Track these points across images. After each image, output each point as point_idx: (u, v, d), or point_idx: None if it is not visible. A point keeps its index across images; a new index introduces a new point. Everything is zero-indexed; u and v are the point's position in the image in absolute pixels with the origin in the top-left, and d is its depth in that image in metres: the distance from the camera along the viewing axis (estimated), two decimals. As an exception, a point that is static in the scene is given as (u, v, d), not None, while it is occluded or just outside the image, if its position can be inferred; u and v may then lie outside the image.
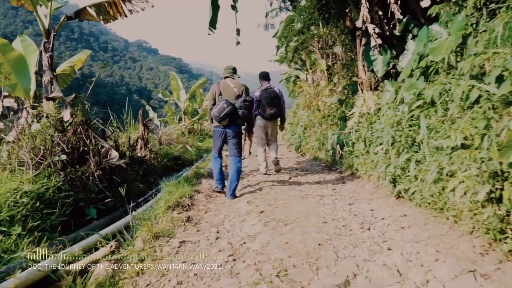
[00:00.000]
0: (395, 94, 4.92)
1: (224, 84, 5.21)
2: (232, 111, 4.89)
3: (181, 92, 14.72)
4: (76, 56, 6.31)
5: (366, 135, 5.51)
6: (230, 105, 4.87)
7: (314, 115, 11.40)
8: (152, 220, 3.99)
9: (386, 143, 4.46)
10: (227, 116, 4.88)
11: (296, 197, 4.71)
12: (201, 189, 5.55)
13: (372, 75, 6.38)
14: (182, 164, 8.52)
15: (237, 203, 4.84)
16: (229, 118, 4.92)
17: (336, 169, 7.17)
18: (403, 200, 4.16)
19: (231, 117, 4.92)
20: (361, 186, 5.37)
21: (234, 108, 4.94)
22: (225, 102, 4.89)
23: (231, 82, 5.22)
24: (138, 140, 6.87)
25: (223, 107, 4.85)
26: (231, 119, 4.95)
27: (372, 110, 5.59)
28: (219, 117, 4.87)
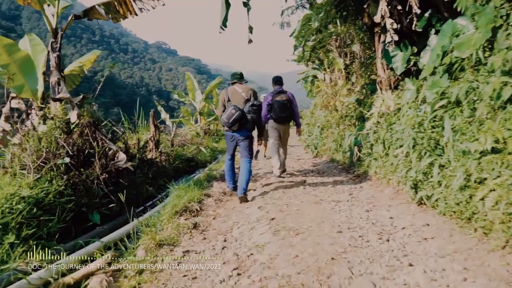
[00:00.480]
0: (416, 93, 4.60)
1: (232, 90, 5.31)
2: (241, 116, 4.99)
3: (196, 93, 14.57)
4: (85, 56, 6.19)
5: (385, 136, 5.21)
6: (238, 110, 4.97)
7: (332, 115, 11.09)
8: (157, 227, 3.80)
9: (407, 146, 4.16)
10: (236, 121, 4.98)
11: (310, 203, 4.45)
12: (212, 192, 5.34)
13: (392, 73, 6.06)
14: (196, 166, 8.34)
15: (247, 208, 4.61)
16: (239, 123, 5.02)
17: (353, 172, 6.86)
18: (425, 207, 3.85)
19: (240, 122, 5.02)
20: (379, 190, 5.07)
21: (243, 113, 5.03)
22: (234, 107, 4.99)
23: (239, 88, 5.31)
24: (148, 142, 6.71)
25: (232, 113, 4.96)
26: (240, 123, 5.05)
27: (391, 110, 5.28)
28: (228, 123, 4.98)
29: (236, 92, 5.28)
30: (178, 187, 5.09)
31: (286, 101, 6.41)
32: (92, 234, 3.65)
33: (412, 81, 4.82)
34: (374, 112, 5.67)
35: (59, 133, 4.63)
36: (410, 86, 4.78)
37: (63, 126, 4.82)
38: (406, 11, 5.25)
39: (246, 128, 5.18)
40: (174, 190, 4.94)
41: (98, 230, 3.81)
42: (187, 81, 14.66)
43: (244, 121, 5.07)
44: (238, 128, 5.09)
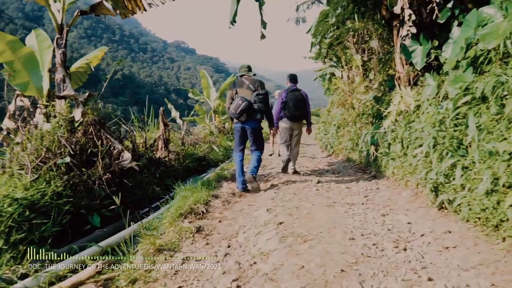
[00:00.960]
0: (438, 89, 4.29)
1: (239, 82, 5.38)
2: (248, 106, 5.05)
3: (211, 91, 14.39)
4: (93, 53, 6.05)
5: (404, 135, 4.91)
6: (245, 101, 5.04)
7: (348, 113, 10.77)
8: (159, 230, 3.61)
9: (427, 145, 3.87)
10: (244, 111, 5.04)
11: (322, 206, 4.19)
12: (220, 193, 5.13)
13: (411, 68, 5.73)
14: (207, 165, 8.15)
15: (256, 210, 4.39)
16: (246, 113, 5.08)
17: (370, 172, 6.56)
18: (446, 212, 3.56)
19: (247, 112, 5.08)
20: (397, 193, 4.78)
21: (250, 103, 5.09)
22: (240, 98, 5.06)
23: (246, 80, 5.36)
24: (157, 141, 6.55)
25: (239, 103, 5.03)
26: (248, 114, 5.11)
27: (411, 107, 4.97)
28: (236, 113, 5.07)
29: (244, 84, 5.32)
30: (184, 188, 4.90)
31: (300, 99, 6.40)
32: (90, 237, 3.49)
33: (432, 76, 4.50)
34: (392, 110, 5.37)
35: (63, 132, 4.50)
36: (430, 81, 4.47)
37: (67, 124, 4.69)
38: (426, 1, 4.94)
39: (254, 119, 5.24)
40: (180, 191, 4.75)
41: (97, 234, 3.64)
42: (202, 79, 14.49)
43: (252, 112, 5.12)
44: (246, 119, 5.15)
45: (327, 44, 14.33)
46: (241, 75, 5.49)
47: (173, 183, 5.52)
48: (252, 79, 5.38)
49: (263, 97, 5.20)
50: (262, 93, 5.20)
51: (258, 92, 5.19)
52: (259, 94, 5.18)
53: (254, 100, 5.16)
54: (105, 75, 6.46)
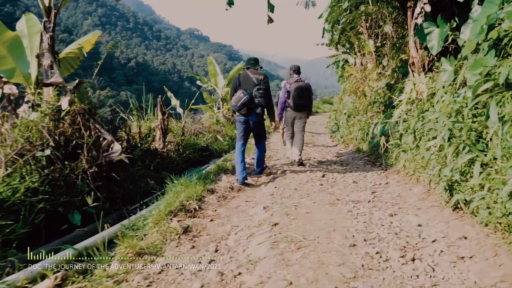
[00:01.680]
0: (455, 74, 3.85)
1: (244, 75, 5.37)
2: (249, 100, 5.05)
3: (218, 78, 13.97)
4: (85, 37, 5.69)
5: (416, 126, 4.49)
6: (247, 94, 5.04)
7: (360, 101, 10.31)
8: (144, 230, 3.31)
9: (441, 138, 3.46)
10: (245, 104, 5.05)
11: (324, 204, 3.83)
12: (217, 187, 4.81)
13: (426, 53, 5.27)
14: (210, 156, 7.82)
15: (253, 207, 4.05)
16: (247, 107, 5.08)
17: (380, 165, 6.16)
18: (462, 214, 3.17)
19: (248, 106, 5.08)
20: (408, 188, 4.39)
21: (251, 97, 5.09)
22: (242, 91, 5.07)
23: (251, 73, 5.34)
24: (156, 130, 6.25)
25: (240, 96, 5.04)
26: (249, 108, 5.12)
27: (424, 95, 4.54)
28: (236, 106, 5.06)
29: (248, 77, 5.31)
30: (178, 182, 4.58)
31: (304, 89, 6.42)
32: (67, 238, 3.20)
33: (449, 61, 4.06)
34: (403, 98, 4.94)
35: (48, 122, 4.21)
36: (447, 66, 4.03)
37: (54, 113, 4.41)
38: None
39: (255, 113, 5.26)
40: (172, 186, 4.43)
41: (76, 234, 3.36)
42: (209, 66, 14.07)
43: (253, 105, 5.14)
44: (247, 112, 5.16)
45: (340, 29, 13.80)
46: (247, 67, 5.48)
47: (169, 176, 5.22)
48: (257, 72, 5.37)
49: (264, 92, 5.23)
50: (263, 87, 5.22)
51: (259, 87, 5.21)
52: (260, 88, 5.20)
53: (255, 94, 5.19)
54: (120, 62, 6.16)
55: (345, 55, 17.06)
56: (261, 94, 5.20)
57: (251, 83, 5.25)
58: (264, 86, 5.24)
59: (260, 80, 5.26)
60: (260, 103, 5.23)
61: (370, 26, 12.00)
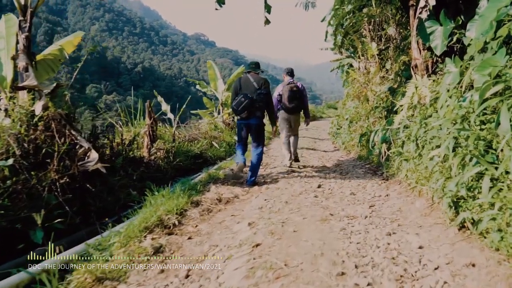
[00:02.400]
0: (460, 76, 3.47)
1: (244, 79, 5.40)
2: (250, 104, 5.11)
3: (218, 82, 13.60)
4: (66, 39, 5.34)
5: (418, 133, 4.11)
6: (247, 99, 5.10)
7: (363, 106, 9.93)
8: (110, 250, 2.95)
9: (445, 147, 3.07)
10: (245, 108, 5.12)
11: (315, 220, 3.45)
12: (204, 199, 4.45)
13: (429, 54, 4.90)
14: (204, 163, 7.47)
15: (238, 223, 3.68)
16: (247, 110, 5.15)
17: (381, 174, 5.77)
18: (469, 234, 2.78)
19: (249, 109, 5.15)
20: (409, 202, 4.00)
21: (252, 101, 5.13)
22: (243, 96, 5.13)
23: (251, 77, 5.37)
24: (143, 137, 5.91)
25: (241, 100, 5.11)
26: (249, 111, 5.18)
27: (427, 100, 4.15)
28: (237, 110, 5.15)
29: (248, 81, 5.34)
30: (160, 193, 4.23)
31: (296, 91, 6.55)
32: (22, 260, 2.85)
33: (454, 61, 3.68)
34: (404, 103, 4.56)
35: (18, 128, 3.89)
36: (451, 67, 3.65)
37: (26, 119, 4.09)
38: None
39: (255, 116, 5.31)
40: (152, 198, 4.07)
41: (38, 253, 3.00)
42: (209, 70, 13.71)
43: (253, 109, 5.19)
44: (247, 115, 5.24)
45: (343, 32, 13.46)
46: (248, 71, 5.53)
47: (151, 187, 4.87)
48: (258, 77, 5.42)
49: (265, 96, 5.28)
50: (264, 92, 5.26)
51: (260, 92, 5.24)
52: (261, 93, 5.23)
53: (256, 98, 5.21)
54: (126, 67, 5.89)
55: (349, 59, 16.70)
56: (262, 98, 5.24)
57: (252, 87, 5.27)
58: (265, 91, 5.29)
59: (261, 84, 5.29)
60: (261, 106, 5.28)
61: (373, 28, 11.64)
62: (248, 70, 5.54)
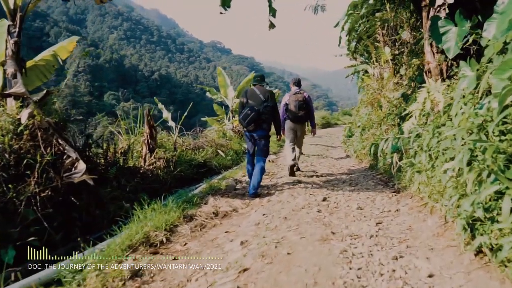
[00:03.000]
0: (476, 80, 3.12)
1: (251, 92, 5.48)
2: (256, 116, 5.19)
3: (228, 89, 13.36)
4: (60, 44, 5.12)
5: (431, 143, 3.75)
6: (254, 111, 5.18)
7: (376, 113, 9.53)
8: (84, 273, 2.68)
9: (459, 161, 2.72)
10: (252, 121, 5.19)
11: (314, 240, 3.12)
12: (199, 213, 4.17)
13: (443, 57, 4.54)
14: (208, 173, 7.20)
15: (231, 241, 3.37)
16: (254, 123, 5.21)
17: (392, 186, 5.40)
18: (487, 261, 2.41)
19: (255, 122, 5.21)
20: (421, 219, 3.63)
21: (258, 113, 5.21)
22: (250, 108, 5.22)
23: (257, 90, 5.45)
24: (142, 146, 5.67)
25: (248, 113, 5.19)
26: (256, 124, 5.24)
27: (440, 106, 3.79)
28: (245, 122, 5.23)
29: (255, 93, 5.42)
30: (151, 206, 3.96)
31: (302, 101, 6.65)
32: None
33: (470, 64, 3.32)
34: (414, 109, 4.20)
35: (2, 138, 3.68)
36: (467, 71, 3.29)
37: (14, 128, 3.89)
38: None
39: (262, 128, 5.35)
40: (140, 213, 3.80)
41: (6, 275, 2.75)
42: (218, 76, 13.49)
43: (260, 121, 5.26)
44: (254, 128, 5.28)
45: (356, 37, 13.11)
46: (254, 84, 5.62)
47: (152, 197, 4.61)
48: (264, 89, 5.50)
49: (271, 109, 5.35)
50: (270, 105, 5.34)
51: (266, 104, 5.31)
52: (267, 106, 5.31)
53: (262, 110, 5.27)
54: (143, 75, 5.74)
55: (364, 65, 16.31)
56: (268, 110, 5.31)
57: (259, 100, 5.34)
58: (271, 103, 5.36)
59: (267, 97, 5.36)
60: (267, 119, 5.35)
61: (387, 33, 11.25)
62: (254, 83, 5.62)
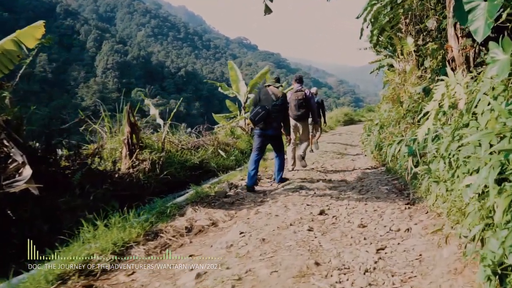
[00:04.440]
0: (511, 66, 2.30)
1: (264, 92, 5.70)
2: (267, 114, 5.39)
3: (240, 84, 12.58)
4: (24, 29, 4.53)
5: (450, 147, 2.95)
6: (264, 110, 5.39)
7: (396, 109, 8.64)
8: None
9: (485, 177, 1.94)
10: (262, 119, 5.39)
11: (288, 275, 2.38)
12: (167, 228, 3.51)
13: (470, 41, 3.69)
14: (205, 175, 6.54)
15: (191, 270, 2.68)
16: (264, 121, 5.43)
17: (407, 195, 4.60)
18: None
19: (265, 120, 5.43)
20: (435, 245, 2.84)
21: (269, 112, 5.41)
22: (260, 107, 5.44)
23: (270, 90, 5.66)
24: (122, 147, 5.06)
25: (258, 111, 5.39)
26: (266, 122, 5.46)
27: (461, 103, 2.98)
28: (255, 120, 5.41)
29: (267, 94, 5.63)
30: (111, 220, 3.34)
31: (301, 99, 6.82)
32: None
33: (502, 44, 2.50)
34: (431, 108, 3.38)
35: None
36: (498, 54, 2.47)
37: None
38: None
39: (272, 127, 5.59)
40: (85, 231, 3.17)
41: None
42: (230, 71, 12.73)
43: (270, 120, 5.47)
44: (264, 126, 5.51)
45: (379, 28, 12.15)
46: (268, 85, 5.81)
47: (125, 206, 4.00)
48: (277, 90, 5.69)
49: (281, 107, 5.57)
50: (278, 103, 5.52)
51: (275, 103, 5.50)
52: (276, 104, 5.50)
53: (273, 109, 5.47)
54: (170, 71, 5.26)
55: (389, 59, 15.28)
56: (276, 109, 5.50)
57: (270, 100, 5.54)
58: (281, 103, 5.57)
59: (278, 98, 5.57)
60: (277, 117, 5.57)
61: (410, 21, 10.27)
62: (268, 84, 5.82)
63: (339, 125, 23.61)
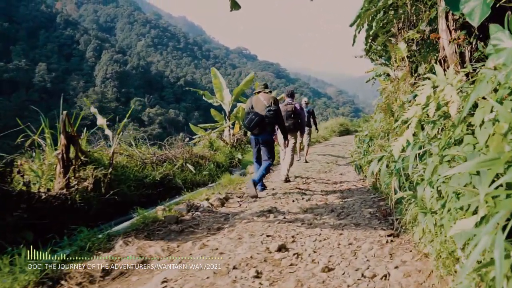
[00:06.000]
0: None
1: (255, 99, 5.86)
2: (260, 120, 5.51)
3: (224, 92, 11.77)
4: None
5: (437, 171, 2.16)
6: (257, 116, 5.51)
7: (387, 120, 7.89)
8: None
9: (485, 239, 1.15)
10: (256, 125, 5.51)
11: None
12: (76, 272, 2.70)
13: (464, 33, 2.94)
14: (167, 193, 5.71)
15: None
16: (258, 127, 5.54)
17: (391, 223, 3.82)
18: None
19: (259, 126, 5.54)
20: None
21: (262, 118, 5.54)
22: (254, 114, 5.56)
23: (261, 96, 5.83)
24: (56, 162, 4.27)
25: (252, 118, 5.51)
26: (260, 128, 5.56)
27: (453, 109, 2.20)
28: (249, 127, 5.55)
29: (259, 100, 5.81)
30: None
31: (290, 111, 7.34)
32: None
33: (510, 27, 1.73)
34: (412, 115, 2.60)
35: None
36: (503, 39, 1.71)
37: None
38: None
39: (266, 132, 5.70)
40: None
41: None
42: (214, 78, 11.87)
43: (264, 125, 5.58)
44: (258, 131, 5.63)
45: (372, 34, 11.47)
46: (258, 92, 5.95)
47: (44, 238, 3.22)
48: (267, 95, 5.86)
49: (274, 112, 5.65)
50: (273, 109, 5.64)
51: (269, 108, 5.62)
52: (270, 110, 5.62)
53: (265, 115, 5.59)
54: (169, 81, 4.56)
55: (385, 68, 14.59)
56: (271, 114, 5.61)
57: (262, 105, 5.70)
58: (274, 108, 5.66)
59: (271, 102, 5.71)
60: (271, 122, 5.67)
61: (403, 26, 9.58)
62: (258, 91, 5.95)
63: (334, 135, 22.86)
